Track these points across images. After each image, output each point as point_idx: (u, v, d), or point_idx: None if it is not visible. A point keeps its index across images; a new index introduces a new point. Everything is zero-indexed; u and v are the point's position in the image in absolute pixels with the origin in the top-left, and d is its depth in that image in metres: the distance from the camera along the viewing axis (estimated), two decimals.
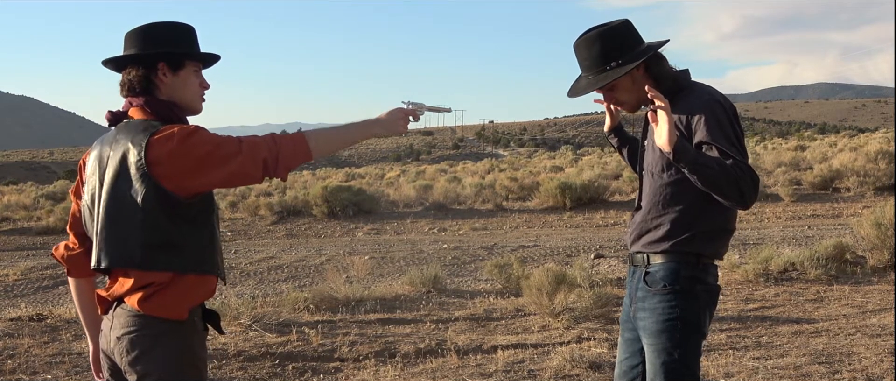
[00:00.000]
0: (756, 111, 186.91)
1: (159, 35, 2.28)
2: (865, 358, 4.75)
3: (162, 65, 2.25)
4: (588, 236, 12.97)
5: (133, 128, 2.20)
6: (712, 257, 2.47)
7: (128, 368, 2.14)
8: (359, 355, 5.17)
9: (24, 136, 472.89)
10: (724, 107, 2.37)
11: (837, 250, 7.73)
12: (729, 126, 2.33)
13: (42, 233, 15.89)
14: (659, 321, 2.41)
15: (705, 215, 2.41)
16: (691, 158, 2.23)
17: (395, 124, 2.33)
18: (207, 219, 2.21)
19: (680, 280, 2.41)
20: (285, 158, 2.14)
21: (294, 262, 10.82)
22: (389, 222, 15.80)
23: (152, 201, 2.10)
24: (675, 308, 2.40)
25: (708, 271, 2.45)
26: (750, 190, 2.23)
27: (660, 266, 2.44)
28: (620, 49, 2.46)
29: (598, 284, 7.01)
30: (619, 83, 2.49)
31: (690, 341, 2.40)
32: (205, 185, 2.13)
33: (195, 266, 2.17)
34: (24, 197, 22.91)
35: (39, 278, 9.87)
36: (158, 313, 2.13)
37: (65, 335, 5.65)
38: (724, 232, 2.48)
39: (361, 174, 36.30)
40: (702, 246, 2.43)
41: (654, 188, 2.49)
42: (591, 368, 4.62)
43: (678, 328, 2.39)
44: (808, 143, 33.68)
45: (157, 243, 2.12)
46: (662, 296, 2.42)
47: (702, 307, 2.43)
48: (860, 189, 16.26)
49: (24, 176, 60.96)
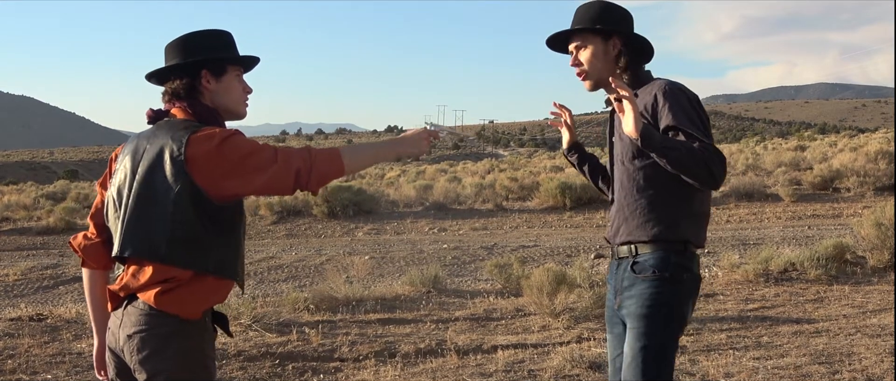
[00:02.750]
0: (756, 111, 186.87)
1: (200, 43, 2.30)
2: (865, 358, 4.75)
3: (205, 72, 2.28)
4: (588, 236, 12.97)
5: (174, 125, 2.23)
6: (697, 244, 2.49)
7: (138, 366, 2.14)
8: (359, 355, 5.17)
9: (24, 136, 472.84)
10: (686, 94, 2.42)
11: (837, 250, 7.73)
12: (693, 111, 2.37)
13: (42, 233, 15.87)
14: (645, 305, 2.42)
15: (682, 198, 2.44)
16: (658, 142, 2.28)
17: (419, 144, 2.38)
18: (235, 226, 2.24)
19: (669, 267, 2.42)
20: (318, 173, 2.17)
21: (294, 262, 10.82)
22: (389, 222, 15.80)
23: (185, 196, 2.12)
24: (662, 294, 2.41)
25: (693, 259, 2.48)
26: (719, 170, 2.26)
27: (649, 255, 2.45)
28: (611, 20, 2.54)
29: (598, 284, 7.01)
30: (592, 45, 2.55)
31: (672, 329, 2.42)
32: (238, 189, 2.15)
33: (217, 269, 2.18)
34: (24, 197, 22.89)
35: (39, 278, 9.87)
36: (173, 310, 2.13)
37: (65, 335, 5.65)
38: (703, 216, 2.52)
39: (361, 174, 36.29)
40: (687, 232, 2.45)
41: (628, 176, 2.51)
42: (591, 368, 4.62)
43: (663, 315, 2.40)
44: (808, 143, 33.67)
45: (183, 238, 2.14)
46: (651, 282, 2.43)
47: (687, 296, 2.45)
48: (860, 189, 16.26)
49: (24, 176, 60.95)
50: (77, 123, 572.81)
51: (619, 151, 2.57)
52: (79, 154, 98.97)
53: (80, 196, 22.21)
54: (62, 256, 12.39)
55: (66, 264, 10.95)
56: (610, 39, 2.54)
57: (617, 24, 2.55)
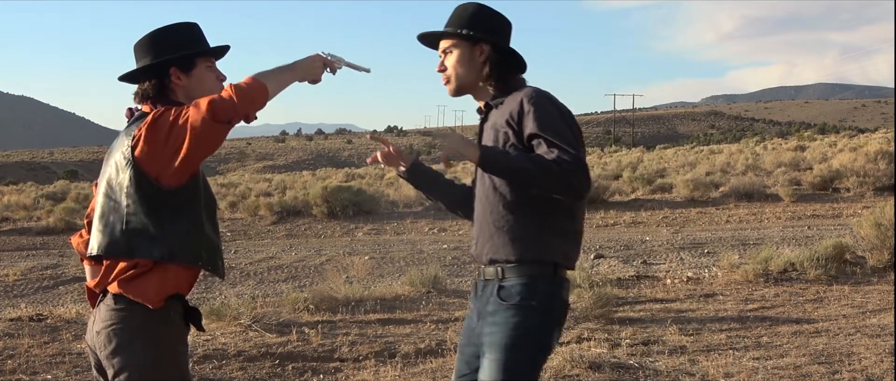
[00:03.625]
0: (756, 111, 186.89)
1: (165, 40, 2.30)
2: (865, 358, 4.75)
3: (173, 69, 2.28)
4: (588, 236, 12.97)
5: (133, 121, 2.27)
6: (567, 266, 2.35)
7: (106, 361, 2.18)
8: (359, 355, 5.17)
9: (24, 136, 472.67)
10: (553, 102, 2.30)
11: (837, 250, 7.74)
12: (560, 119, 2.24)
13: (42, 233, 15.87)
14: (509, 335, 2.25)
15: (550, 215, 2.30)
16: (504, 162, 2.18)
17: (312, 70, 2.35)
18: (187, 208, 2.21)
19: (538, 295, 2.27)
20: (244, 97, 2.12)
21: (294, 262, 10.83)
22: (389, 223, 15.80)
23: (134, 186, 2.15)
24: (527, 324, 2.24)
25: (563, 285, 2.33)
26: (578, 180, 2.13)
27: (516, 280, 2.28)
28: (483, 26, 2.41)
29: (598, 284, 7.01)
30: (459, 49, 2.42)
31: (537, 359, 2.28)
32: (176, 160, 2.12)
33: (172, 255, 2.18)
34: (24, 197, 22.90)
35: (39, 278, 9.87)
36: (135, 296, 2.15)
37: (65, 335, 5.65)
38: (573, 234, 2.36)
39: (361, 174, 36.27)
40: (556, 254, 2.30)
41: (493, 190, 2.35)
42: (591, 368, 4.62)
43: (527, 346, 2.25)
44: (808, 143, 33.70)
45: (136, 229, 2.16)
46: (517, 310, 2.25)
47: (555, 325, 2.30)
48: (860, 189, 16.26)
49: (24, 176, 60.93)
50: (77, 123, 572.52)
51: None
52: (79, 154, 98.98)
53: (80, 196, 22.20)
54: (62, 256, 12.39)
55: (66, 265, 10.95)
56: (477, 45, 2.41)
57: (486, 33, 2.40)
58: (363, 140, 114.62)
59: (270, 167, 76.06)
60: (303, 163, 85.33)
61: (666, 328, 5.69)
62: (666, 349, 5.13)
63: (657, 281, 7.76)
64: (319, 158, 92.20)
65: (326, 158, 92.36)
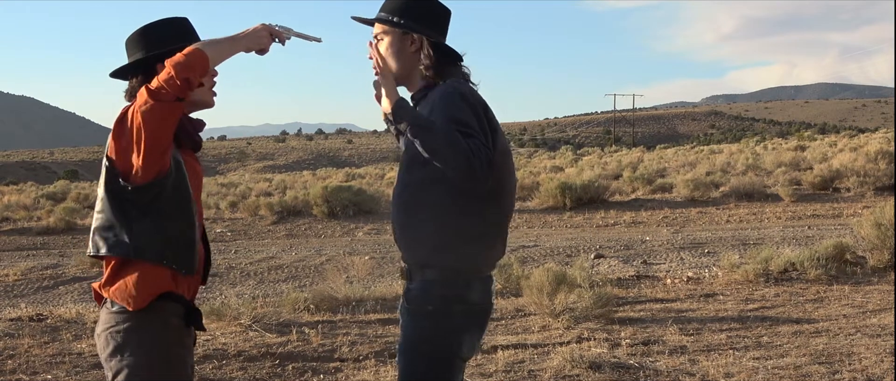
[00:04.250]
0: (756, 111, 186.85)
1: (154, 36, 2.29)
2: (865, 358, 4.75)
3: (160, 66, 2.24)
4: (588, 236, 12.97)
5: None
6: (473, 271, 2.23)
7: (105, 364, 2.21)
8: (359, 355, 5.17)
9: (24, 136, 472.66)
10: (462, 95, 2.19)
11: (837, 250, 7.73)
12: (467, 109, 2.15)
13: (42, 233, 15.87)
14: (405, 339, 2.22)
15: (452, 219, 2.19)
16: (412, 117, 2.10)
17: (258, 39, 2.31)
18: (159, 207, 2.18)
19: (433, 299, 2.19)
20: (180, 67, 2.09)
21: (294, 262, 10.82)
22: (389, 222, 15.79)
23: (107, 182, 2.18)
24: (423, 329, 2.19)
25: (470, 286, 2.22)
26: (479, 163, 2.04)
27: (418, 283, 2.22)
28: (416, 15, 2.29)
29: (598, 284, 7.01)
30: (390, 37, 2.31)
31: (436, 366, 2.20)
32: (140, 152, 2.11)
33: (143, 254, 2.16)
34: (24, 197, 22.92)
35: (39, 278, 9.87)
36: (116, 297, 2.17)
37: (65, 335, 5.66)
38: (480, 238, 2.24)
39: (361, 174, 36.28)
40: (458, 258, 2.20)
41: (403, 187, 2.28)
42: (591, 368, 4.62)
43: (421, 352, 2.20)
44: (808, 143, 33.70)
45: (104, 226, 2.19)
46: (414, 315, 2.21)
47: (457, 329, 2.21)
48: (860, 189, 16.26)
49: (24, 176, 60.96)
50: (77, 123, 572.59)
51: (402, 161, 2.32)
52: (79, 154, 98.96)
53: (80, 196, 22.21)
54: (62, 256, 12.39)
55: (66, 265, 10.95)
56: (408, 35, 2.30)
57: (418, 22, 2.28)
58: (363, 140, 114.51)
59: (271, 167, 76.08)
60: (303, 163, 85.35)
61: (666, 328, 5.69)
62: (666, 349, 5.13)
63: (657, 281, 7.76)
64: (320, 158, 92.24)
65: (326, 158, 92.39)
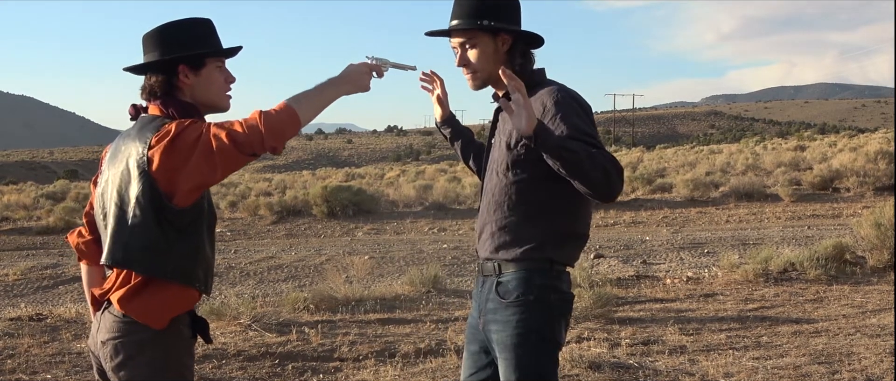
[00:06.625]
0: (756, 111, 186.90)
1: (176, 36, 2.21)
2: (865, 358, 4.75)
3: (182, 67, 2.20)
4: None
5: (144, 124, 2.18)
6: (565, 263, 2.32)
7: (112, 373, 2.15)
8: (359, 355, 5.17)
9: (24, 136, 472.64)
10: (579, 102, 2.24)
11: (837, 250, 7.74)
12: (587, 119, 2.20)
13: (42, 233, 15.87)
14: (513, 333, 2.25)
15: (553, 217, 2.28)
16: (555, 141, 2.07)
17: (360, 80, 2.26)
18: (196, 229, 2.16)
19: (533, 289, 2.26)
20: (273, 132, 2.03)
21: (294, 262, 10.82)
22: (389, 222, 15.80)
23: (145, 200, 2.09)
24: (528, 320, 2.25)
25: (561, 278, 2.31)
26: (616, 179, 2.08)
27: (512, 275, 2.28)
28: (498, 12, 2.30)
29: (597, 284, 7.02)
30: (480, 43, 2.31)
31: (546, 353, 2.26)
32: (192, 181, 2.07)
33: (177, 276, 2.13)
34: (24, 197, 22.90)
35: (39, 278, 9.87)
36: (139, 317, 2.11)
37: (65, 334, 5.66)
38: (574, 237, 2.33)
39: (361, 174, 36.30)
40: (553, 252, 2.28)
41: (498, 189, 2.32)
42: (591, 368, 4.62)
43: (533, 341, 2.24)
44: (808, 143, 33.72)
45: (142, 245, 2.10)
46: (516, 307, 2.26)
47: (556, 317, 2.29)
48: (860, 189, 16.27)
49: (24, 176, 60.93)
50: (77, 123, 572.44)
51: (494, 159, 2.37)
52: (79, 154, 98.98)
53: (79, 196, 22.19)
54: (62, 256, 12.38)
55: (66, 264, 10.95)
56: (498, 35, 2.31)
57: (507, 19, 2.30)
58: (363, 140, 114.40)
59: (270, 167, 76.07)
60: (303, 162, 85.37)
61: (666, 328, 5.69)
62: (666, 348, 5.14)
63: (657, 281, 7.76)
64: (319, 157, 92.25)
65: (326, 157, 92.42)
